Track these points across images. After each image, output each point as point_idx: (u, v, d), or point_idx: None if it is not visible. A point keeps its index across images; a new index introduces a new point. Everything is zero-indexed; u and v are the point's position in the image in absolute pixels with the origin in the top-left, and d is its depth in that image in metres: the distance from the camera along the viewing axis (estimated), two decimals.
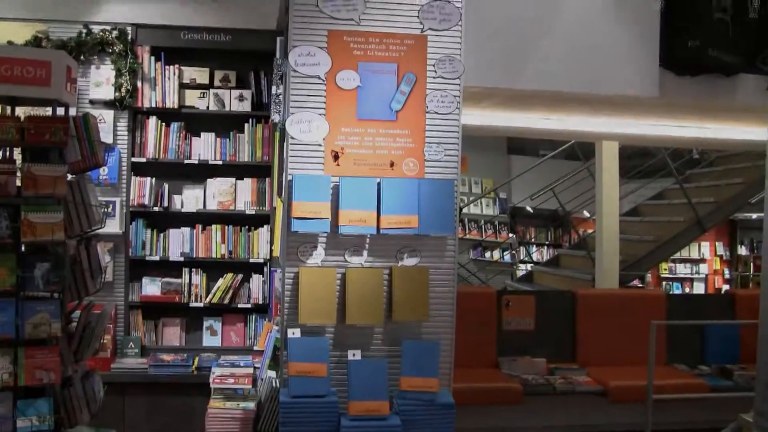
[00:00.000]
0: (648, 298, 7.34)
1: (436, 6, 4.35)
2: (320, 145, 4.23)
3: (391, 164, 4.29)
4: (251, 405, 4.65)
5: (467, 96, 4.47)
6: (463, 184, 15.47)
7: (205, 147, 6.39)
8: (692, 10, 5.27)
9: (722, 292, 13.34)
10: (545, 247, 16.60)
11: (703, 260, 16.66)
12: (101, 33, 6.14)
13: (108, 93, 6.15)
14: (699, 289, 16.36)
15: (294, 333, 4.20)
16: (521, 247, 15.81)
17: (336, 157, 4.26)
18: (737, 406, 4.88)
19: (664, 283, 16.33)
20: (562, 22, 5.25)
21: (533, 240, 16.60)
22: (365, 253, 4.29)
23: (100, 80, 6.17)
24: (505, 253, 15.31)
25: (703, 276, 16.46)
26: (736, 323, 6.75)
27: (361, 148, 4.27)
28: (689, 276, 16.58)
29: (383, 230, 4.20)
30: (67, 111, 4.11)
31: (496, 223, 15.47)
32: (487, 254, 15.42)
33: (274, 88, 5.08)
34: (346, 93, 4.26)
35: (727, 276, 16.72)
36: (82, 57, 6.13)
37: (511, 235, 15.39)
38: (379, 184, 4.22)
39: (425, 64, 4.34)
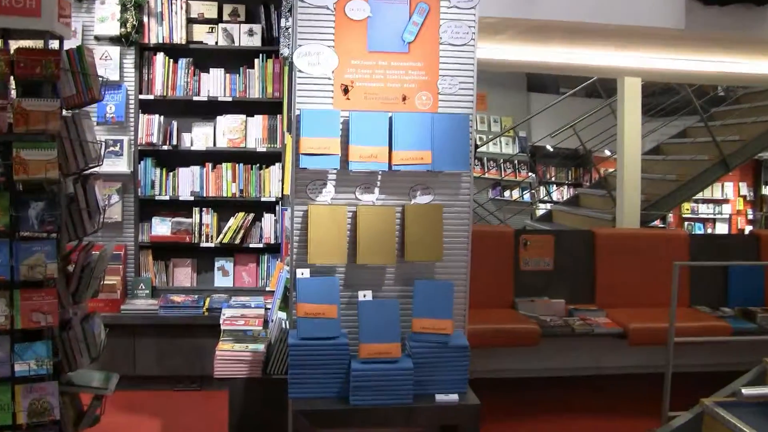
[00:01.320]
0: (670, 238, 7.17)
1: None
2: (329, 78, 4.09)
3: (404, 98, 4.14)
4: (260, 347, 4.57)
5: (483, 28, 4.31)
6: (482, 123, 15.32)
7: (214, 83, 6.28)
8: None
9: (746, 233, 13.14)
10: (565, 187, 16.45)
11: (726, 200, 16.45)
12: None
13: (113, 29, 6.02)
14: (722, 229, 16.19)
15: (303, 273, 4.09)
16: (541, 187, 15.64)
17: (346, 90, 4.11)
18: (761, 349, 4.75)
19: (686, 223, 16.17)
20: None
21: (553, 179, 16.44)
22: (377, 190, 4.17)
23: (105, 15, 6.02)
24: (524, 193, 15.17)
25: (726, 216, 16.26)
26: (761, 265, 6.59)
27: (371, 81, 4.12)
28: (712, 216, 16.38)
29: (395, 166, 4.07)
30: (61, 44, 3.95)
31: (516, 162, 15.30)
32: (507, 193, 15.28)
33: (283, 20, 4.93)
34: (356, 24, 4.10)
35: (750, 217, 16.50)
36: None
37: (530, 174, 15.23)
38: (390, 118, 4.07)
39: None
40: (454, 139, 4.14)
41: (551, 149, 14.85)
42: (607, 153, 13.45)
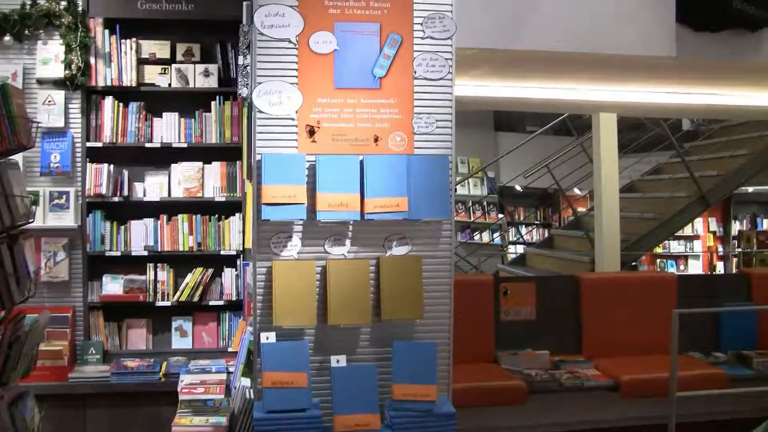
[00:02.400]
0: (657, 280, 6.83)
1: None
2: (293, 119, 3.80)
3: (375, 139, 3.87)
4: (222, 420, 4.12)
5: (458, 61, 4.02)
6: None
7: (168, 128, 5.90)
8: None
9: (735, 272, 12.92)
10: (535, 227, 16.24)
11: (696, 237, 16.27)
12: (47, 3, 5.58)
13: (57, 71, 5.62)
14: (694, 267, 15.99)
15: (268, 338, 3.72)
16: (511, 228, 15.40)
17: (311, 132, 3.82)
18: (757, 395, 4.42)
19: (658, 260, 15.97)
20: None
21: (523, 221, 16.22)
22: (348, 242, 3.86)
23: (48, 57, 5.63)
24: (494, 235, 14.88)
25: (698, 253, 16.08)
26: (754, 307, 6.27)
27: (340, 122, 3.84)
28: (683, 253, 16.18)
29: (368, 215, 3.76)
30: None
31: (485, 203, 15.04)
32: (477, 237, 14.99)
33: (240, 58, 4.61)
34: (321, 58, 3.83)
35: (721, 253, 16.33)
36: (27, 31, 5.60)
37: (500, 215, 14.97)
38: (361, 162, 3.79)
39: (412, 24, 3.90)
40: (433, 183, 3.85)
41: (520, 189, 14.69)
42: (578, 192, 13.27)
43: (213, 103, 5.88)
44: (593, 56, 4.91)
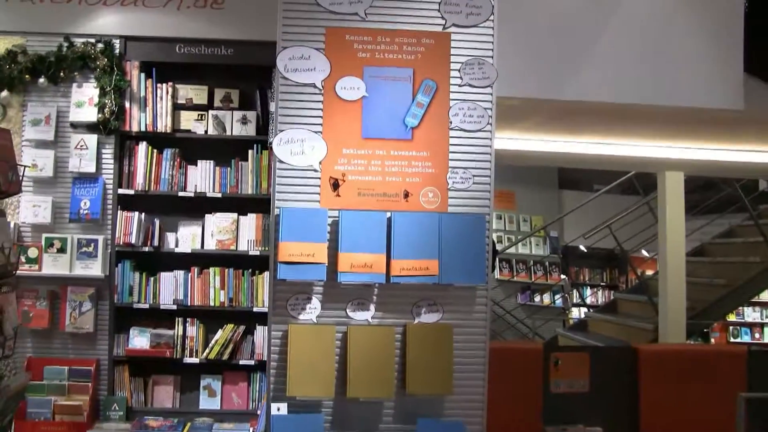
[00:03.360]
0: (725, 355, 6.31)
1: None
2: (316, 170, 3.67)
3: (406, 195, 3.71)
4: None
5: (502, 112, 3.85)
6: (511, 222, 14.81)
7: (202, 177, 5.70)
8: None
9: None
10: (600, 290, 15.71)
11: None
12: (83, 46, 5.46)
13: (91, 114, 5.49)
14: None
15: (279, 409, 3.41)
16: (574, 290, 14.92)
17: (336, 185, 3.67)
18: None
19: (731, 328, 15.24)
20: (621, 19, 4.45)
21: (587, 282, 15.71)
22: (372, 307, 3.67)
23: (82, 100, 5.50)
24: (556, 297, 14.44)
25: None
26: None
27: (367, 175, 3.70)
28: (759, 321, 15.43)
29: (395, 278, 3.59)
30: None
31: (547, 264, 14.65)
32: (537, 298, 14.56)
33: (272, 105, 4.37)
34: (348, 105, 3.70)
35: None
36: (62, 74, 5.50)
37: (563, 276, 14.52)
38: (389, 219, 3.65)
39: (448, 69, 3.76)
40: (468, 245, 3.65)
41: (585, 250, 14.28)
42: (645, 254, 12.81)
43: (250, 151, 5.68)
44: (652, 109, 4.59)
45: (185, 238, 5.71)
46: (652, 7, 4.44)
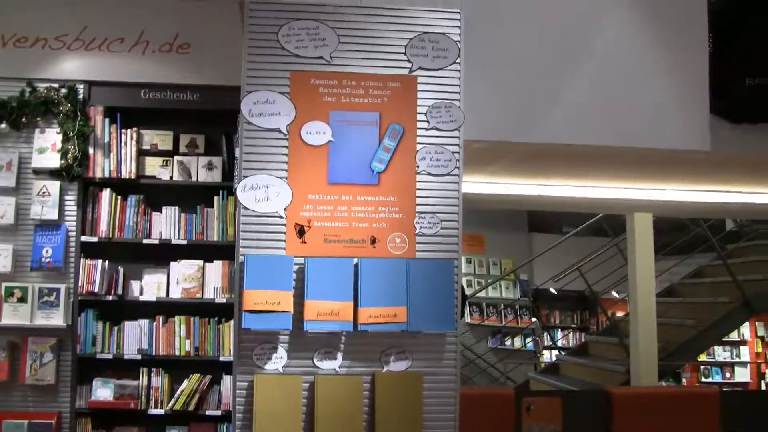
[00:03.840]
0: (697, 397, 6.31)
1: (428, 40, 3.79)
2: (281, 216, 3.64)
3: (373, 241, 3.69)
4: None
5: (470, 155, 3.86)
6: (481, 266, 14.84)
7: (167, 224, 5.63)
8: (750, 39, 4.46)
9: None
10: (571, 332, 15.73)
11: (743, 342, 15.59)
12: (46, 91, 5.40)
13: (53, 160, 5.40)
14: (741, 375, 15.27)
15: None
16: (545, 333, 14.92)
17: (301, 232, 3.63)
18: None
19: (702, 368, 15.28)
20: (588, 61, 4.45)
21: (558, 324, 15.72)
22: (340, 356, 3.62)
23: (45, 146, 5.42)
24: (527, 340, 14.42)
25: (745, 361, 15.38)
26: None
27: (333, 221, 3.66)
28: (729, 360, 15.48)
29: (363, 326, 3.55)
30: None
31: (518, 307, 14.66)
32: (508, 342, 14.55)
33: (237, 150, 4.32)
34: (314, 150, 3.68)
35: None
36: (24, 119, 5.42)
37: (533, 319, 14.53)
38: (356, 265, 3.62)
39: (415, 113, 3.75)
40: (436, 291, 3.63)
41: (555, 292, 14.31)
42: (615, 295, 12.83)
43: (216, 197, 5.61)
44: (620, 151, 4.58)
45: (150, 286, 5.60)
46: (619, 48, 4.45)
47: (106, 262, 5.50)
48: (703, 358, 15.00)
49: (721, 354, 15.46)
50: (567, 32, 4.46)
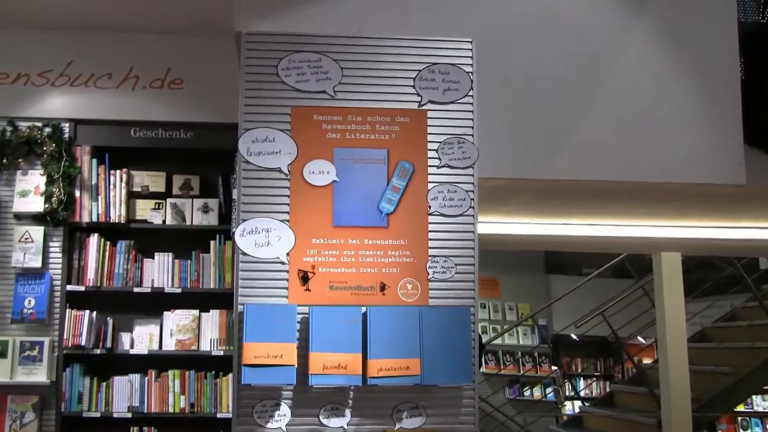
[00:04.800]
0: None
1: (439, 71, 3.85)
2: (283, 262, 3.68)
3: (382, 287, 3.69)
4: None
5: (484, 193, 3.92)
6: (496, 311, 14.82)
7: (160, 271, 5.67)
8: None
9: None
10: (595, 381, 15.64)
11: None
12: (29, 130, 5.47)
13: (37, 204, 5.45)
14: None
15: None
16: (567, 382, 14.84)
17: (305, 278, 3.66)
18: None
19: (740, 419, 15.16)
20: (611, 90, 4.45)
21: (580, 372, 15.65)
22: (348, 412, 3.63)
23: (27, 189, 5.47)
24: (548, 390, 14.35)
25: None
26: None
27: (339, 266, 3.69)
28: None
29: (372, 380, 3.55)
30: None
31: (536, 354, 14.61)
32: (527, 392, 14.48)
33: (235, 192, 4.34)
34: (317, 191, 3.72)
35: None
36: (5, 160, 5.47)
37: (554, 368, 14.48)
38: (365, 314, 3.63)
39: (425, 149, 3.80)
40: (452, 341, 3.65)
41: (576, 338, 14.26)
42: (642, 341, 12.79)
43: (212, 242, 5.64)
44: (645, 186, 4.57)
45: (141, 338, 5.62)
46: (644, 76, 4.45)
47: (94, 312, 5.53)
48: (741, 408, 14.89)
49: (760, 404, 15.35)
50: (587, 61, 4.48)
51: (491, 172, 4.06)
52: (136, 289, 5.60)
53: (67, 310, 5.50)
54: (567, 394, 14.83)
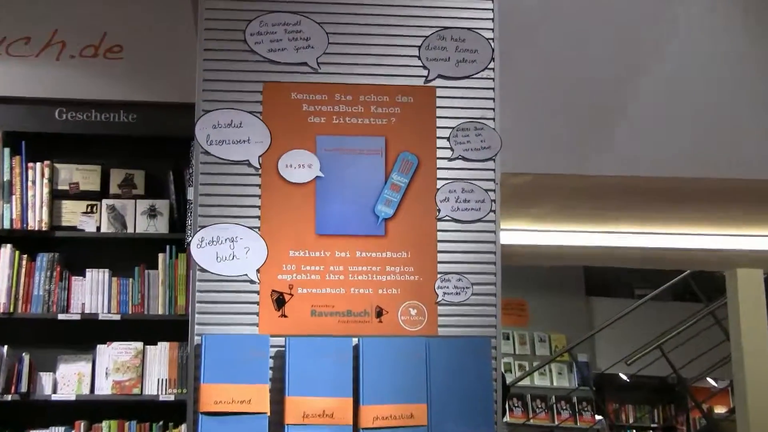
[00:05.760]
0: None
1: (451, 38, 3.89)
2: (253, 281, 3.73)
3: (379, 313, 3.75)
4: None
5: (507, 193, 3.93)
6: (523, 343, 14.86)
7: (93, 292, 5.72)
8: None
9: None
10: None
11: None
12: None
13: None
14: None
15: None
16: None
17: (280, 301, 3.74)
18: None
19: None
20: (671, 63, 4.53)
21: (632, 423, 15.74)
22: None
23: None
24: None
25: None
26: None
27: (324, 286, 3.74)
28: None
29: (366, 431, 3.59)
30: None
31: (575, 400, 14.67)
32: None
33: (191, 191, 4.43)
34: (296, 190, 3.79)
35: None
36: None
37: (598, 417, 14.55)
38: (356, 347, 3.69)
39: (434, 137, 3.85)
40: (467, 382, 3.73)
41: (627, 379, 14.31)
42: (713, 383, 12.86)
43: (161, 255, 5.69)
44: (712, 184, 4.66)
45: (68, 379, 5.67)
46: (715, 47, 4.53)
47: (5, 347, 5.55)
48: None
49: None
50: (641, 28, 4.56)
51: (517, 167, 4.13)
52: (61, 316, 5.61)
53: None
54: None
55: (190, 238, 4.09)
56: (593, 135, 4.54)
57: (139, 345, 5.68)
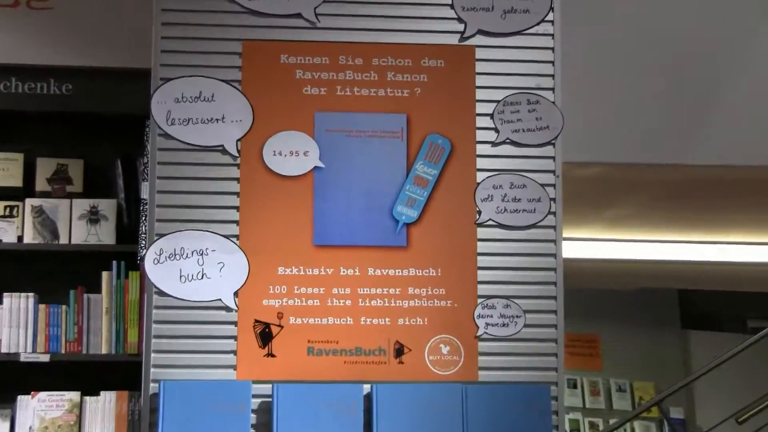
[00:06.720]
0: None
1: None
2: (229, 308, 3.72)
3: (399, 351, 3.80)
4: None
5: (573, 190, 3.93)
6: (595, 393, 14.84)
7: (12, 325, 5.73)
8: None
9: None
10: None
11: None
12: None
13: None
14: None
15: None
16: None
17: (266, 335, 3.74)
18: None
19: None
20: None
21: None
22: None
23: None
24: None
25: None
26: None
27: (324, 314, 3.79)
28: None
29: None
30: None
31: None
32: None
33: (145, 187, 4.47)
34: (288, 185, 3.80)
35: None
36: None
37: None
38: (368, 397, 3.74)
39: (472, 115, 3.86)
40: None
41: None
42: None
43: (105, 275, 5.71)
44: None
45: None
46: None
47: None
48: None
49: None
50: None
51: (582, 155, 4.14)
52: None
53: None
54: None
55: (145, 251, 4.10)
56: (688, 114, 4.56)
57: (76, 396, 5.70)
